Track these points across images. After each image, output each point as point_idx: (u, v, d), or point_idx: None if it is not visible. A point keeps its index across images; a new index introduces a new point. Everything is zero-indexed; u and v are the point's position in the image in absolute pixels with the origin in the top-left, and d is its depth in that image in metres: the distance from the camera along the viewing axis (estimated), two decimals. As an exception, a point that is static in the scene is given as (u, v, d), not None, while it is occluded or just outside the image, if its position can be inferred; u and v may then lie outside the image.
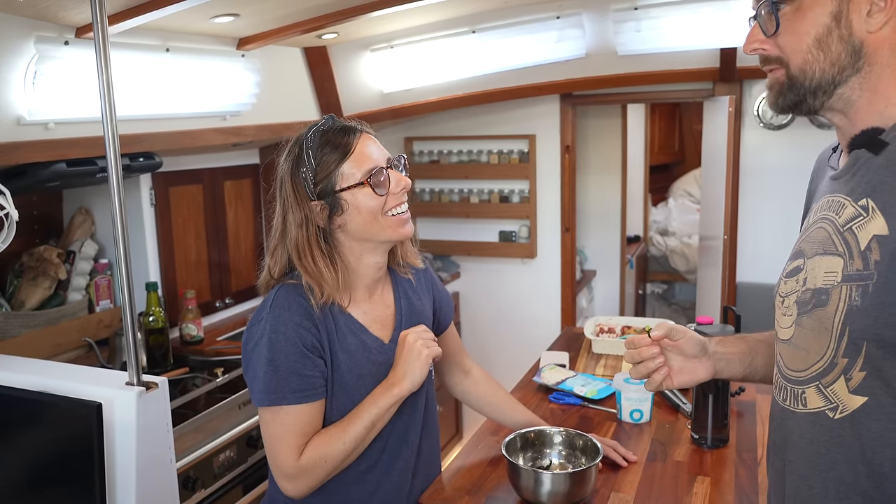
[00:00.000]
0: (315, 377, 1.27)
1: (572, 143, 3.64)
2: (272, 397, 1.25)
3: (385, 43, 2.97)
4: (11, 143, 1.83)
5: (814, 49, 0.89)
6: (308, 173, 1.28)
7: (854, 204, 0.88)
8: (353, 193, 1.28)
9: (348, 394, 1.32)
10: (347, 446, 1.28)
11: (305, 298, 1.29)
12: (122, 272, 1.37)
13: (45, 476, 1.43)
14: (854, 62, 0.88)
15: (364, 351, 1.34)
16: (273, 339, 1.25)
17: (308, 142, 1.30)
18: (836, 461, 0.89)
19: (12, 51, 1.77)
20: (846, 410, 0.87)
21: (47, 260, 2.32)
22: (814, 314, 0.90)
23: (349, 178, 1.28)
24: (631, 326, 2.44)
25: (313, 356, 1.27)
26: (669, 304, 5.78)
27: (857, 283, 0.85)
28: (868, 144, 0.89)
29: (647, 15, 2.81)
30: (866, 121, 0.90)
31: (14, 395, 1.45)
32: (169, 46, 2.20)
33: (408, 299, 1.45)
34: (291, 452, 1.26)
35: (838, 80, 0.90)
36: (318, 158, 1.28)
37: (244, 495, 2.26)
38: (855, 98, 0.90)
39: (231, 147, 2.86)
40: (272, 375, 1.24)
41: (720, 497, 1.43)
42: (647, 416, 1.78)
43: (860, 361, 0.85)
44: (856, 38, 0.87)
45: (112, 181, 1.34)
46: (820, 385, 0.90)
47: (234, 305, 3.04)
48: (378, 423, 1.31)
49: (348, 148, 1.29)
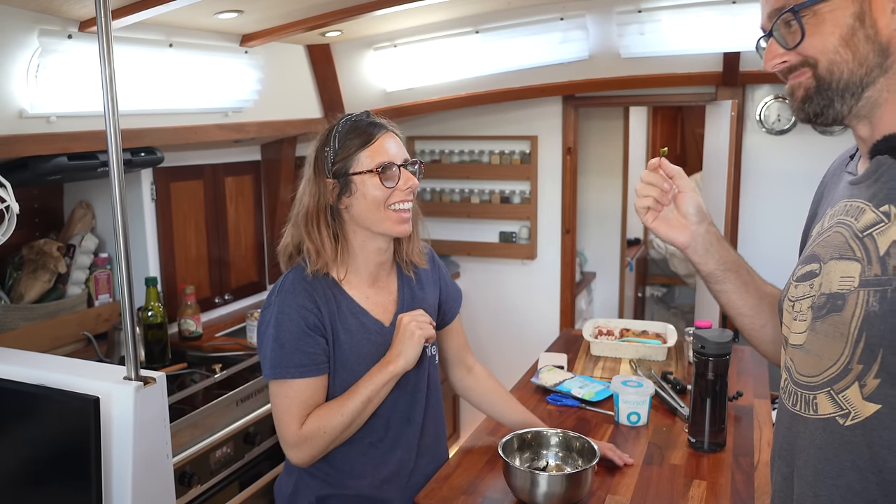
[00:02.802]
0: (317, 354, 1.38)
1: (574, 144, 3.64)
2: (277, 371, 1.37)
3: (388, 42, 2.97)
4: (13, 136, 1.83)
5: (841, 48, 0.87)
6: (330, 153, 1.40)
7: (875, 210, 0.87)
8: (363, 179, 1.38)
9: (349, 371, 1.42)
10: (345, 418, 1.37)
11: (308, 281, 1.40)
12: (122, 267, 1.37)
13: (42, 469, 1.43)
14: (882, 61, 0.87)
15: (364, 332, 1.43)
16: (279, 319, 1.38)
17: (338, 126, 1.42)
18: (845, 468, 0.88)
19: (16, 44, 1.77)
20: (858, 417, 0.86)
21: (47, 253, 2.32)
22: (828, 319, 0.89)
23: (363, 164, 1.38)
24: (629, 329, 2.44)
25: (315, 335, 1.38)
26: (669, 308, 5.79)
27: (875, 289, 0.83)
28: (891, 150, 0.88)
29: (651, 18, 2.81)
30: (890, 126, 0.89)
31: (12, 387, 1.45)
32: (172, 42, 2.20)
33: (411, 288, 1.53)
34: (294, 422, 1.37)
35: (866, 82, 0.88)
36: (342, 142, 1.40)
37: (240, 491, 2.26)
38: (882, 101, 0.88)
39: (233, 143, 2.86)
40: (278, 352, 1.37)
41: (716, 501, 1.43)
42: (644, 419, 1.78)
43: (875, 368, 0.84)
44: (882, 36, 0.86)
45: (113, 175, 1.34)
46: (832, 391, 0.89)
47: (234, 302, 3.04)
48: (374, 398, 1.39)
49: (370, 139, 1.40)
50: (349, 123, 1.42)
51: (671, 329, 2.39)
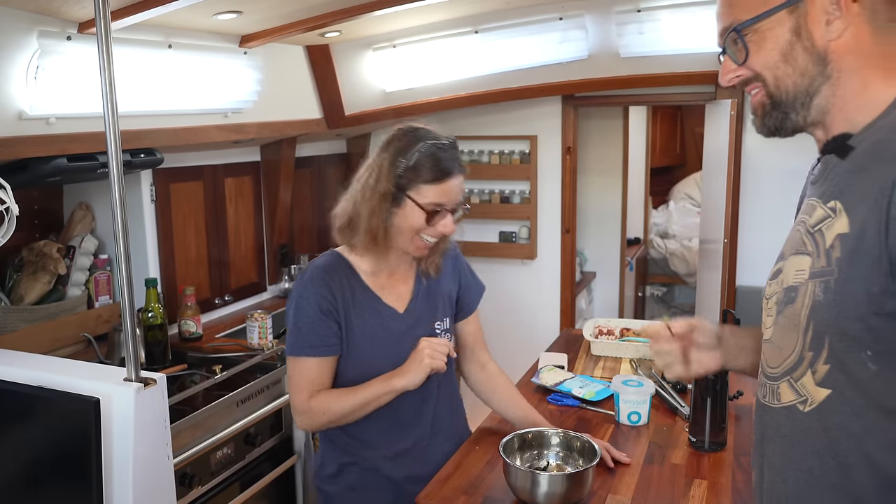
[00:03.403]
0: (329, 336, 1.51)
1: (573, 144, 3.64)
2: (293, 349, 1.52)
3: (387, 42, 2.97)
4: (13, 138, 1.83)
5: (781, 63, 0.94)
6: (402, 166, 1.46)
7: (823, 206, 0.92)
8: (413, 206, 1.47)
9: (360, 353, 1.54)
10: (344, 409, 1.51)
11: (328, 271, 1.53)
12: (122, 268, 1.37)
13: (43, 471, 1.43)
14: (822, 70, 0.92)
15: (376, 317, 1.55)
16: (298, 303, 1.52)
17: (423, 146, 1.47)
18: (807, 453, 0.92)
19: (15, 45, 1.77)
20: (814, 403, 0.91)
21: (47, 255, 2.32)
22: (786, 311, 0.95)
23: (422, 196, 1.47)
24: (630, 329, 2.44)
25: (328, 319, 1.51)
26: (669, 307, 5.79)
27: (820, 280, 0.89)
28: (837, 150, 0.93)
29: (650, 17, 2.81)
30: (839, 128, 0.94)
31: (12, 389, 1.45)
32: (171, 43, 2.20)
33: (427, 279, 1.63)
34: (302, 393, 1.53)
35: (812, 91, 0.93)
36: (417, 166, 1.46)
37: (241, 492, 2.26)
38: (829, 106, 0.93)
39: (232, 144, 2.86)
40: (296, 333, 1.52)
41: (717, 501, 1.43)
42: (644, 419, 1.78)
43: (824, 354, 0.89)
44: (819, 47, 0.91)
45: (113, 177, 1.34)
46: (790, 379, 0.94)
47: (234, 302, 3.04)
48: (371, 403, 1.51)
49: (441, 178, 1.47)
50: (432, 149, 1.46)
51: (671, 328, 2.39)
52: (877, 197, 0.83)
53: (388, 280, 1.59)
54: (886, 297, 0.82)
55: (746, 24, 0.95)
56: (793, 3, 0.92)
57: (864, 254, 0.83)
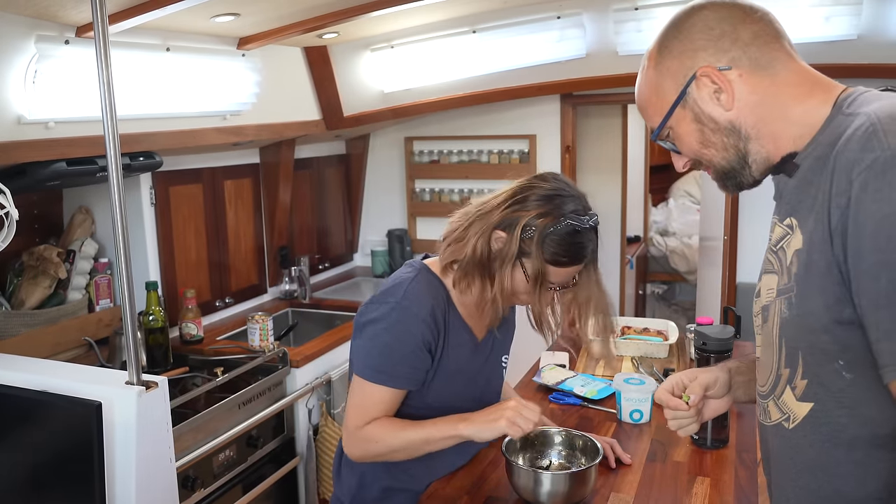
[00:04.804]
0: (420, 371, 1.40)
1: (573, 143, 3.64)
2: (375, 375, 1.37)
3: (385, 43, 2.97)
4: (11, 143, 1.83)
5: (703, 149, 0.98)
6: (531, 234, 1.32)
7: (781, 224, 0.95)
8: (523, 277, 1.35)
9: (446, 382, 1.44)
10: (399, 443, 1.38)
11: (432, 294, 1.40)
12: (122, 271, 1.37)
13: (45, 475, 1.43)
14: (738, 137, 0.95)
15: (464, 346, 1.47)
16: (398, 329, 1.36)
17: (561, 222, 1.32)
18: (801, 470, 0.93)
19: (13, 50, 1.77)
20: (796, 419, 0.92)
21: (47, 259, 2.32)
22: (763, 329, 0.97)
23: (542, 274, 1.34)
24: (631, 326, 2.44)
25: (425, 352, 1.39)
26: (669, 305, 5.79)
27: (784, 297, 0.91)
28: (785, 169, 0.95)
29: (648, 15, 2.81)
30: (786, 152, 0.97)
31: (14, 394, 1.45)
32: (169, 46, 2.20)
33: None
34: (361, 418, 1.38)
35: (742, 155, 0.96)
36: (549, 242, 1.32)
37: (244, 494, 2.26)
38: (766, 153, 0.95)
39: (231, 146, 2.86)
40: (386, 359, 1.37)
41: (720, 498, 1.43)
42: (646, 417, 1.78)
43: (800, 370, 0.90)
44: (722, 122, 0.95)
45: (112, 180, 1.34)
46: (774, 397, 0.95)
47: (234, 305, 3.04)
48: (432, 443, 1.38)
49: (571, 264, 1.34)
50: (569, 229, 1.32)
51: (672, 326, 2.39)
52: (819, 209, 0.84)
53: (475, 308, 1.46)
54: (843, 306, 0.83)
55: (658, 129, 1.01)
56: (681, 100, 0.96)
57: (815, 266, 0.85)
